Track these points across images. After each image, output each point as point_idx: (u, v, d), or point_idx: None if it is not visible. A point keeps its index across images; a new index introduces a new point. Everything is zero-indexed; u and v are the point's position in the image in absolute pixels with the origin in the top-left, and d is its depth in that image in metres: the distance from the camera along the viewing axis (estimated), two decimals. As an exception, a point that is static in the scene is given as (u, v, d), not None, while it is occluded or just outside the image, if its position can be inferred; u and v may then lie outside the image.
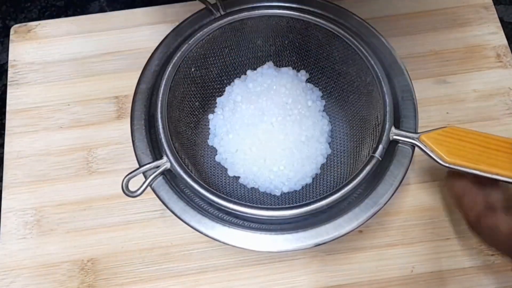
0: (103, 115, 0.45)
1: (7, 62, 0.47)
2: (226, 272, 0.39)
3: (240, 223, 0.34)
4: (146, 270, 0.39)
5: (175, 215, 0.34)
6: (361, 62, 0.37)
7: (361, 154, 0.37)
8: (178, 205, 0.34)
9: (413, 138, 0.34)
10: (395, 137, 0.34)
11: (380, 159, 0.34)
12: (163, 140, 0.35)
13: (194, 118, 0.41)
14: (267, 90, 0.41)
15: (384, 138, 0.34)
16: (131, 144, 0.36)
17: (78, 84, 0.46)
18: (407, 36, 0.47)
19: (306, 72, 0.43)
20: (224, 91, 0.43)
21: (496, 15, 0.48)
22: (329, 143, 0.41)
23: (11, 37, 0.48)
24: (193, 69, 0.39)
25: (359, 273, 0.39)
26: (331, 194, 0.33)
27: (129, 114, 0.37)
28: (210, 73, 0.42)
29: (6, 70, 0.47)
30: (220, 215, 0.34)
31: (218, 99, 0.42)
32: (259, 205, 0.33)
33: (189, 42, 0.38)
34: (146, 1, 0.53)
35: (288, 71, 0.42)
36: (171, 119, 0.37)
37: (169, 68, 0.37)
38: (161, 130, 0.35)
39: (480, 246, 0.40)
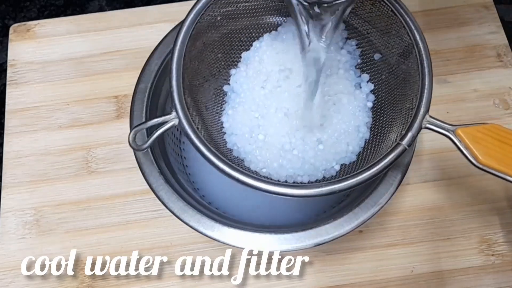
0: (102, 115, 0.45)
1: (6, 61, 0.47)
2: (226, 272, 0.39)
3: (240, 223, 0.34)
4: (146, 270, 0.39)
5: (175, 215, 0.34)
6: (406, 35, 0.33)
7: (387, 138, 0.34)
8: (178, 205, 0.34)
9: (448, 130, 0.30)
10: (428, 125, 0.31)
11: (407, 147, 0.30)
12: (175, 92, 0.31)
13: (214, 71, 0.38)
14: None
15: (416, 125, 0.31)
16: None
17: (77, 83, 0.46)
18: (407, 36, 0.47)
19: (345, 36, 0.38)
20: (251, 45, 0.39)
21: (496, 15, 0.48)
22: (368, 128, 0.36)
23: (10, 36, 0.48)
24: (219, 18, 0.36)
25: (359, 273, 0.39)
26: (345, 179, 0.30)
27: (129, 114, 0.37)
28: (238, 24, 0.37)
29: (5, 70, 0.47)
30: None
31: (244, 54, 0.38)
32: (268, 179, 0.31)
33: None
34: (146, 1, 0.53)
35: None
36: (187, 71, 0.33)
37: (192, 15, 0.33)
38: (174, 82, 0.32)
39: (480, 246, 0.39)
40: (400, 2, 0.34)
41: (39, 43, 0.48)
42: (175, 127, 0.31)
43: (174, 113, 0.31)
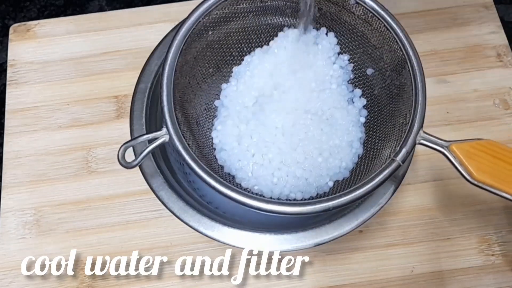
0: (102, 115, 0.45)
1: (6, 61, 0.47)
2: (226, 272, 0.39)
3: (240, 223, 0.34)
4: (146, 270, 0.39)
5: (175, 215, 0.34)
6: (399, 51, 0.34)
7: (380, 154, 0.34)
8: (178, 205, 0.34)
9: (442, 146, 0.30)
10: (422, 141, 0.31)
11: (401, 164, 0.30)
12: (165, 108, 0.31)
13: (205, 86, 0.38)
14: (290, 63, 0.36)
15: (410, 140, 0.31)
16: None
17: (77, 83, 0.46)
18: (407, 36, 0.47)
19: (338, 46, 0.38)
20: (242, 60, 0.39)
21: (496, 15, 0.48)
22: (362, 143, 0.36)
23: (10, 36, 0.48)
24: (210, 32, 0.36)
25: (359, 273, 0.39)
26: (339, 197, 0.30)
27: (129, 114, 0.37)
28: (229, 38, 0.38)
29: (5, 70, 0.47)
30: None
31: (235, 69, 0.38)
32: (259, 196, 0.31)
33: (209, 1, 0.34)
34: (146, 1, 0.53)
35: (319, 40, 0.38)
36: (178, 86, 0.33)
37: (183, 29, 0.33)
38: (164, 97, 0.31)
39: (480, 246, 0.39)
40: (393, 17, 0.34)
41: (39, 43, 0.48)
42: (166, 143, 0.31)
43: (164, 129, 0.31)
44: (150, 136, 0.31)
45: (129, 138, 0.36)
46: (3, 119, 0.45)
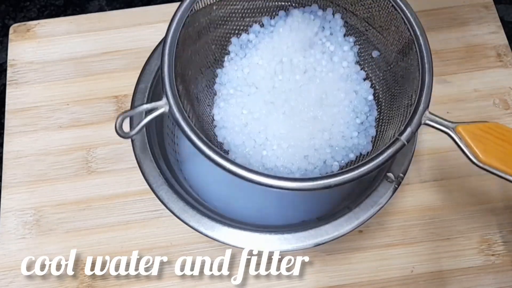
0: (102, 115, 0.45)
1: (6, 61, 0.47)
2: (226, 272, 0.39)
3: (240, 223, 0.34)
4: (146, 270, 0.39)
5: (175, 215, 0.34)
6: (406, 31, 0.33)
7: (385, 135, 0.33)
8: (178, 205, 0.34)
9: (448, 127, 0.29)
10: (428, 122, 0.30)
11: (406, 143, 0.29)
12: (166, 78, 0.30)
13: (208, 63, 0.37)
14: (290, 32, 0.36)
15: (415, 120, 0.30)
16: (131, 144, 0.36)
17: (77, 83, 0.46)
18: (407, 36, 0.47)
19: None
20: (247, 39, 0.38)
21: (496, 15, 0.48)
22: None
23: (10, 36, 0.48)
24: (215, 7, 0.35)
25: (359, 273, 0.39)
26: (340, 174, 0.29)
27: (129, 114, 0.37)
28: (233, 16, 0.37)
29: (5, 70, 0.47)
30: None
31: (237, 47, 0.38)
32: (259, 171, 0.29)
33: None
34: (145, 1, 0.53)
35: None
36: (180, 59, 0.32)
37: (186, 1, 0.32)
38: (166, 68, 0.30)
39: (480, 246, 0.39)
40: None
41: (39, 43, 0.48)
42: (165, 115, 0.30)
43: (164, 99, 0.30)
44: (150, 106, 0.30)
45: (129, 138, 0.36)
46: (3, 119, 0.45)
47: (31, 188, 0.42)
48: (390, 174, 0.34)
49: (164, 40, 0.31)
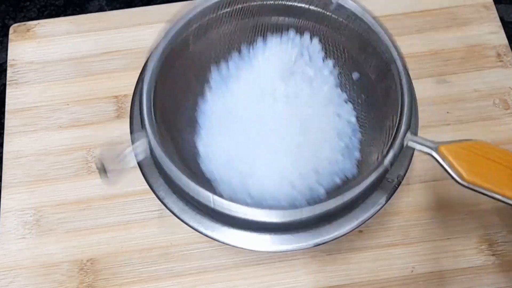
0: (102, 115, 0.45)
1: (6, 61, 0.47)
2: (226, 272, 0.39)
3: (239, 223, 0.33)
4: (146, 270, 0.39)
5: (175, 215, 0.34)
6: (383, 54, 0.33)
7: (369, 158, 0.34)
8: (178, 205, 0.34)
9: (430, 148, 0.29)
10: (410, 143, 0.30)
11: (389, 168, 0.30)
12: (146, 118, 0.31)
13: (189, 95, 0.37)
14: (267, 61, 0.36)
15: (397, 143, 0.30)
16: (130, 143, 0.35)
17: (77, 83, 0.46)
18: (407, 36, 0.47)
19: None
20: (227, 68, 0.38)
21: (496, 15, 0.48)
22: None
23: (10, 36, 0.48)
24: (191, 38, 0.36)
25: (359, 273, 0.39)
26: (325, 201, 0.30)
27: (129, 114, 0.37)
28: (212, 48, 0.37)
29: (5, 70, 0.47)
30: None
31: (217, 77, 0.38)
32: (242, 204, 0.30)
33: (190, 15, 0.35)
34: (145, 1, 0.53)
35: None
36: (160, 95, 0.33)
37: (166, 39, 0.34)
38: (145, 107, 0.31)
39: (480, 246, 0.39)
40: (376, 19, 0.34)
41: (39, 43, 0.48)
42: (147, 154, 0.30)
43: (144, 140, 0.30)
44: (129, 149, 0.30)
45: (129, 138, 0.36)
46: (3, 119, 0.45)
47: (31, 188, 0.42)
48: (390, 175, 0.34)
49: (142, 80, 0.32)
